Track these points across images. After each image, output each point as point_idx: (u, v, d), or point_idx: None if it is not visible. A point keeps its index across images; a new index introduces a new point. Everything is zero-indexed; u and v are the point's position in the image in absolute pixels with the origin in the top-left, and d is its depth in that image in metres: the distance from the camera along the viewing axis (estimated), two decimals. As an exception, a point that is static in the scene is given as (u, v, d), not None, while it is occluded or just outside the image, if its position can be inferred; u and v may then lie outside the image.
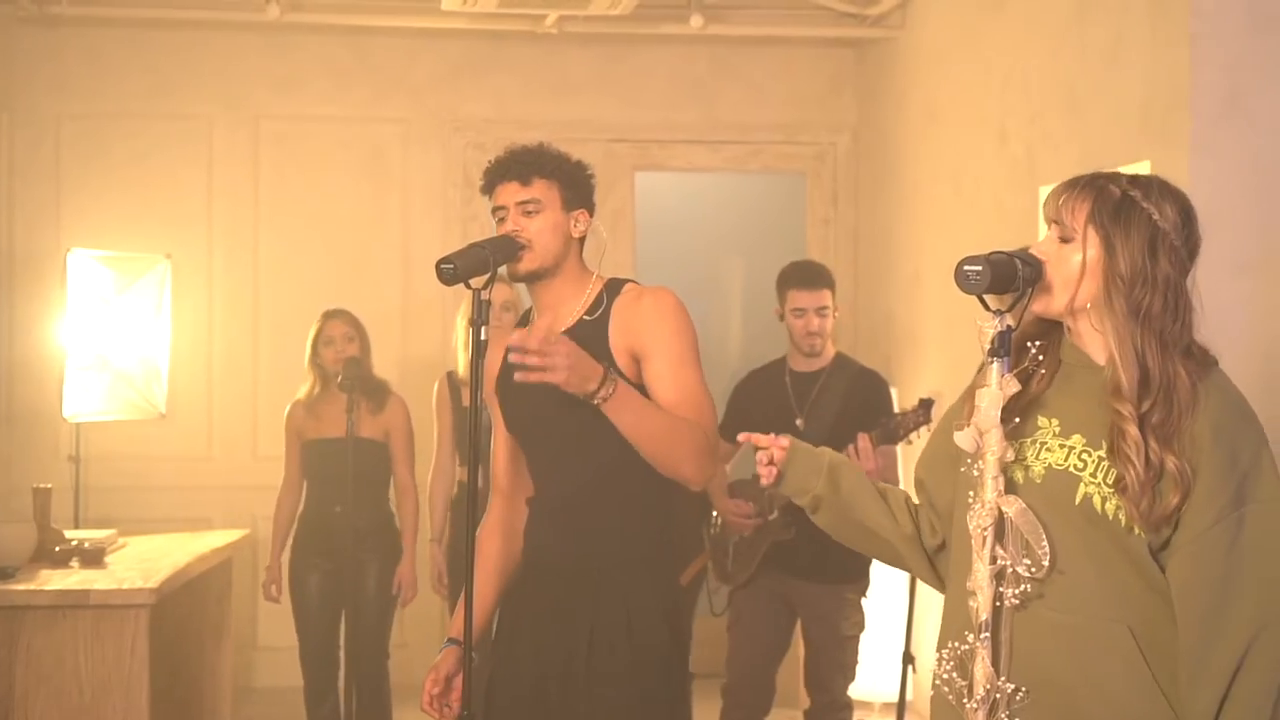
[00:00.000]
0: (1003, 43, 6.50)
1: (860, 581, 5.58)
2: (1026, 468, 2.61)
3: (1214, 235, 4.86)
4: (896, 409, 5.80)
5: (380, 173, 8.25)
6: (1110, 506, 2.55)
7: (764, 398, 5.66)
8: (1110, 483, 2.56)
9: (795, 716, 5.86)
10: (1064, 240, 2.64)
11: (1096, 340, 2.65)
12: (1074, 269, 2.62)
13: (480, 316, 3.31)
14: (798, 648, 5.76)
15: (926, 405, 5.24)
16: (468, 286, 3.36)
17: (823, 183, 8.52)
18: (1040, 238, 2.71)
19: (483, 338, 3.32)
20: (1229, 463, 2.53)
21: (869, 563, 5.52)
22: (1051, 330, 2.71)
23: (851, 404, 5.49)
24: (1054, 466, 2.60)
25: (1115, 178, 2.66)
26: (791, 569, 5.51)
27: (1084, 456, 2.59)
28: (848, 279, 8.36)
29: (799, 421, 5.50)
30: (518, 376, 3.31)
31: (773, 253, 7.16)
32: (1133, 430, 2.52)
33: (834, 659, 5.58)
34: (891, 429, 5.24)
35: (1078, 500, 2.57)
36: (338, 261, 8.12)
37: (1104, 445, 2.58)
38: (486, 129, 8.06)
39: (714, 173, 8.75)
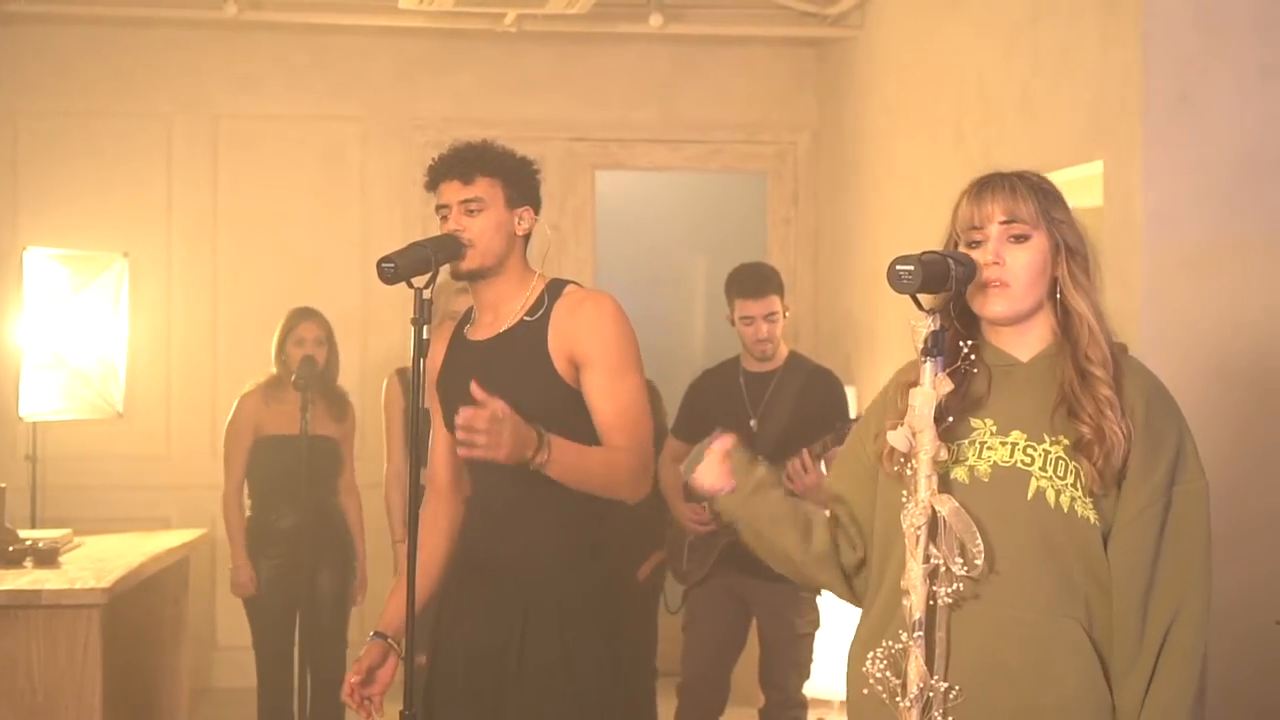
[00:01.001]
0: (959, 43, 6.52)
1: (815, 580, 5.57)
2: (971, 468, 2.62)
3: (1165, 232, 4.95)
4: (853, 409, 5.79)
5: (339, 171, 8.23)
6: (1065, 499, 2.59)
7: (718, 398, 5.66)
8: (1061, 475, 2.59)
9: (751, 715, 5.86)
10: (1021, 239, 2.66)
11: (1018, 339, 2.70)
12: (1035, 265, 2.65)
13: (422, 315, 3.31)
14: (753, 646, 5.76)
15: None
16: (410, 285, 3.36)
17: (783, 182, 8.54)
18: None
19: (424, 336, 3.32)
20: (1159, 444, 2.62)
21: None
22: (974, 331, 2.73)
23: (806, 403, 5.49)
24: (1000, 464, 2.62)
25: (1025, 174, 2.73)
26: (746, 567, 5.49)
27: (1029, 452, 2.62)
28: (808, 278, 8.39)
29: (753, 422, 5.50)
30: (461, 452, 3.35)
31: (734, 252, 7.16)
32: (1110, 394, 2.59)
33: (788, 657, 5.59)
34: (847, 434, 5.24)
35: (1030, 495, 2.59)
36: (297, 260, 8.10)
37: (1047, 439, 2.61)
38: (445, 128, 8.03)
39: (674, 172, 8.76)
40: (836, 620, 6.11)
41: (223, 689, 7.78)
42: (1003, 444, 2.63)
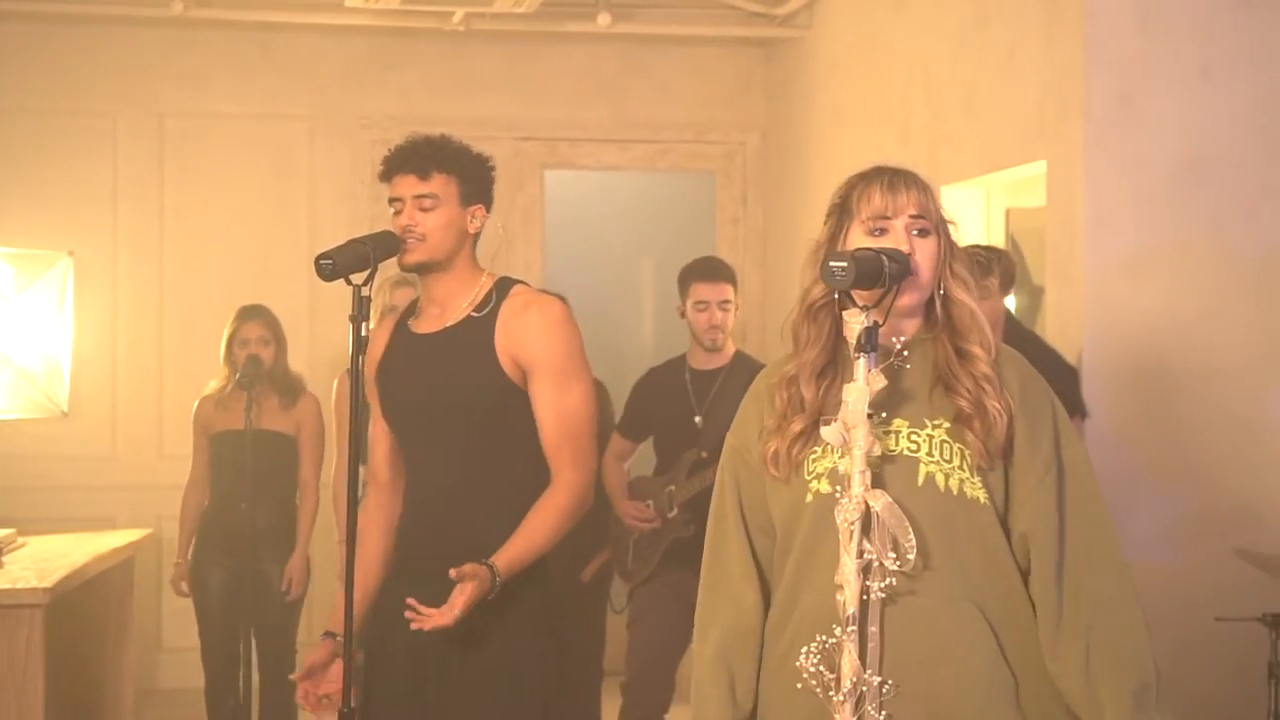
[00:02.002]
0: (905, 44, 6.55)
1: (759, 578, 5.58)
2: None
3: (1107, 232, 4.99)
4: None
5: (286, 170, 8.19)
6: (954, 482, 2.60)
7: (664, 396, 5.67)
8: (947, 458, 2.60)
9: (696, 713, 5.86)
10: (925, 234, 2.68)
11: (896, 329, 2.69)
12: (935, 259, 2.68)
13: (360, 312, 3.31)
14: (699, 645, 5.76)
15: None
16: (348, 282, 3.36)
17: (732, 182, 8.55)
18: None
19: (364, 334, 3.31)
20: (1038, 417, 2.65)
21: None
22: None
23: (750, 401, 5.50)
24: (887, 453, 2.62)
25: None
26: (692, 566, 5.42)
27: (914, 438, 2.63)
28: (756, 277, 8.40)
29: (698, 419, 5.52)
30: (415, 625, 3.38)
31: (682, 252, 7.14)
32: (988, 371, 2.62)
33: (733, 655, 5.59)
34: None
35: (920, 481, 2.60)
36: (244, 259, 8.06)
37: (928, 424, 2.62)
38: (393, 126, 8.00)
39: (623, 171, 8.76)
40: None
41: (168, 690, 7.73)
42: (886, 433, 2.62)
